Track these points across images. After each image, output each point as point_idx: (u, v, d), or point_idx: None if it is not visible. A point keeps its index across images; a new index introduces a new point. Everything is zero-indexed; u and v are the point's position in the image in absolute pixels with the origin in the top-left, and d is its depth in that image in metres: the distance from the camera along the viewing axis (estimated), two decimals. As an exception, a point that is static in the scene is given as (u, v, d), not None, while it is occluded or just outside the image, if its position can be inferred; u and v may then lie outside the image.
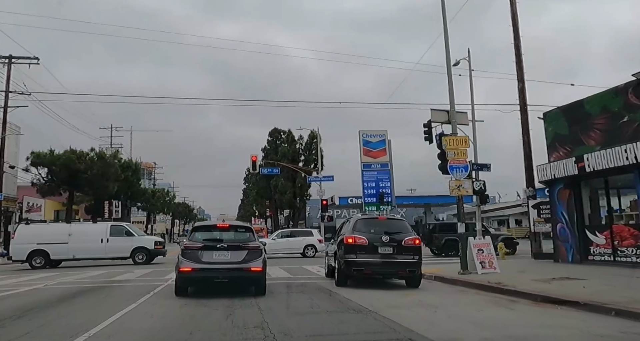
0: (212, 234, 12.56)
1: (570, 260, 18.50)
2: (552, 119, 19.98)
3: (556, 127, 19.64)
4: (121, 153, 62.06)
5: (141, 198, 74.29)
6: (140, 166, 66.43)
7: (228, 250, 11.71)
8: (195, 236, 12.37)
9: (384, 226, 14.33)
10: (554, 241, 19.97)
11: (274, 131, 64.97)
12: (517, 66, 24.50)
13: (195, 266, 11.49)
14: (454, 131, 16.94)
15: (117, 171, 51.26)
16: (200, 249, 11.72)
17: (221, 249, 11.72)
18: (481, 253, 16.21)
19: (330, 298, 11.98)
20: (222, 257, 11.65)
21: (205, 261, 11.57)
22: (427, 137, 29.71)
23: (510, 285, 12.56)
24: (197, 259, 11.57)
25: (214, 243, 11.93)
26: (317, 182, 41.50)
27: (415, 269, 13.91)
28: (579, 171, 17.30)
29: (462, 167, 16.40)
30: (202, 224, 13.85)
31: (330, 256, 16.72)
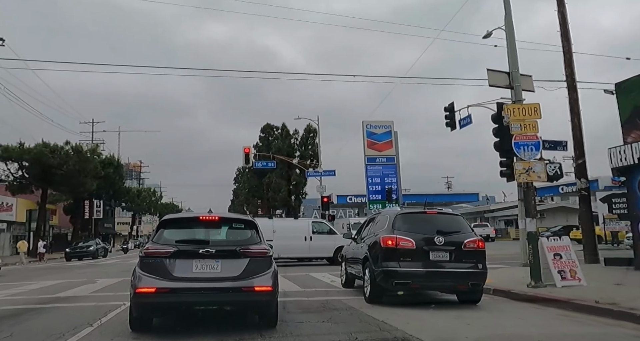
0: (191, 232, 8.23)
1: (663, 267, 14.51)
2: (629, 90, 15.93)
3: (637, 99, 15.61)
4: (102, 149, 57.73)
5: (125, 198, 70.11)
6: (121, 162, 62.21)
7: (217, 258, 7.38)
8: (164, 236, 7.82)
9: (435, 223, 10.54)
10: (635, 243, 15.93)
11: (266, 126, 61.36)
12: (562, 37, 20.47)
13: (162, 285, 7.11)
14: (518, 97, 12.87)
15: (97, 167, 47.37)
16: (170, 256, 7.33)
17: (206, 256, 7.35)
18: (559, 258, 12.15)
19: (375, 329, 7.93)
20: (207, 270, 7.35)
21: (180, 276, 7.22)
22: (449, 122, 26.12)
23: (633, 307, 8.53)
24: (165, 273, 7.22)
25: (194, 246, 7.56)
26: (317, 177, 37.38)
27: (480, 282, 10.23)
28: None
29: (531, 144, 12.35)
30: (176, 217, 8.90)
31: (350, 262, 13.06)
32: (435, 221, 10.56)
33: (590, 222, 19.09)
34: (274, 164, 42.84)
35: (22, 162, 40.67)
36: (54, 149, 41.85)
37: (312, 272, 19.29)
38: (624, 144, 15.62)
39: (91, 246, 41.63)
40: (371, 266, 10.38)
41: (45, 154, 39.98)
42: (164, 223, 8.21)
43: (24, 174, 41.43)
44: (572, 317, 8.72)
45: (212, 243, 7.71)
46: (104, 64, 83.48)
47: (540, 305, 10.22)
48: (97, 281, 14.98)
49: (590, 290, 11.00)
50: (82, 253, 39.46)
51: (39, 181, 41.79)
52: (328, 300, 11.03)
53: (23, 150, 39.83)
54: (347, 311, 9.44)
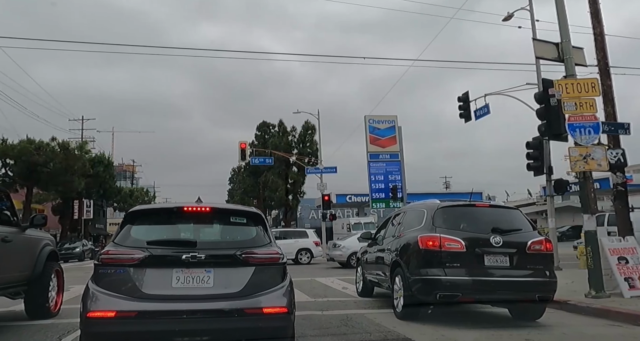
0: (171, 229, 6.01)
1: None
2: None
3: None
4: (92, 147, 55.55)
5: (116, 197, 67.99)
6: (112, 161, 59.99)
7: (209, 267, 5.22)
8: (131, 236, 5.66)
9: (488, 219, 8.43)
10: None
11: (262, 124, 59.26)
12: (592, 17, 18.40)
13: (125, 307, 4.97)
14: (571, 72, 10.79)
15: (85, 166, 45.29)
16: (139, 265, 5.17)
17: (193, 264, 5.15)
18: (624, 263, 10.12)
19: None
20: (194, 283, 5.19)
21: (153, 293, 5.07)
22: (463, 113, 24.23)
23: None
24: (131, 289, 5.09)
25: (175, 249, 5.33)
26: (318, 174, 35.31)
27: (550, 294, 8.10)
28: None
29: (589, 126, 10.26)
30: (148, 208, 6.72)
31: (370, 267, 11.01)
32: (488, 217, 8.45)
33: (628, 221, 17.11)
34: (271, 161, 40.72)
35: (5, 159, 38.62)
36: (39, 146, 39.91)
37: (317, 277, 17.28)
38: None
39: (77, 248, 39.55)
40: (404, 273, 8.27)
41: (29, 151, 37.98)
42: (131, 217, 5.85)
43: (8, 173, 39.31)
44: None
45: (202, 245, 5.44)
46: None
47: (616, 321, 8.17)
48: (71, 289, 12.62)
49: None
50: (67, 255, 37.03)
51: (24, 179, 39.78)
52: (348, 315, 8.93)
53: (6, 146, 37.84)
54: (379, 333, 7.32)
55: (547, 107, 11.45)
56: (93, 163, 50.29)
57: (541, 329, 7.73)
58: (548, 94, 11.33)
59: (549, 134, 12.17)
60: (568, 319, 8.70)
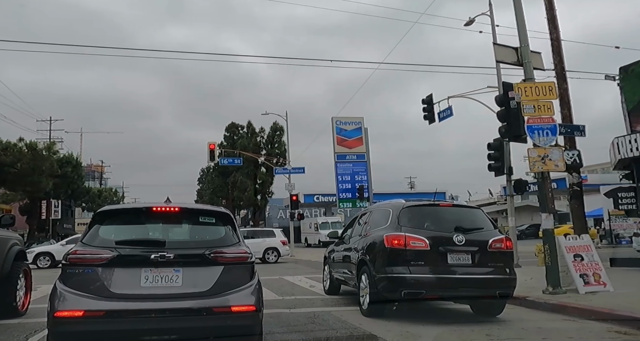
0: (140, 229, 6.05)
1: (679, 269, 13.04)
2: (639, 74, 14.48)
3: (648, 83, 14.22)
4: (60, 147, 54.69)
5: (85, 198, 67.00)
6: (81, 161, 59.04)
7: (178, 266, 5.32)
8: (99, 236, 5.67)
9: (452, 218, 8.70)
10: (646, 241, 14.50)
11: (231, 125, 59.20)
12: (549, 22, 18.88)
13: (94, 307, 5.04)
14: (529, 75, 11.15)
15: (53, 166, 44.59)
16: (108, 264, 5.26)
17: (161, 264, 5.28)
18: (580, 260, 10.52)
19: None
20: (162, 283, 5.28)
21: (122, 293, 5.15)
22: (427, 115, 24.58)
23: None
24: (99, 289, 5.15)
25: (143, 249, 5.40)
26: (286, 174, 35.38)
27: (510, 290, 8.41)
28: None
29: (547, 128, 10.63)
30: (117, 208, 6.71)
31: (337, 265, 11.21)
32: (451, 216, 8.72)
33: (583, 219, 17.68)
34: (240, 161, 40.67)
35: (-31, 159, 37.77)
36: (7, 147, 39.24)
37: (285, 275, 17.41)
38: (632, 133, 14.22)
39: (44, 248, 39.08)
40: (370, 271, 8.49)
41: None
42: (100, 217, 5.91)
43: (-26, 173, 38.55)
44: (633, 336, 6.93)
45: (170, 245, 5.52)
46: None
47: (571, 316, 8.52)
48: (38, 289, 12.56)
49: (623, 297, 9.41)
50: (34, 255, 36.68)
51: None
52: (315, 312, 9.11)
53: (-27, 147, 37.07)
54: (345, 330, 7.51)
55: (507, 109, 11.83)
56: (61, 164, 49.63)
57: (501, 324, 8.01)
58: (508, 97, 11.72)
59: (509, 135, 12.54)
60: (527, 314, 9.01)
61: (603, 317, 7.96)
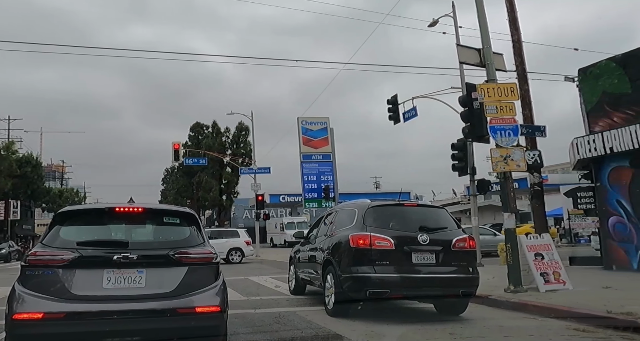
0: (102, 230, 5.93)
1: (635, 267, 13.39)
2: (597, 76, 14.83)
3: (606, 84, 14.51)
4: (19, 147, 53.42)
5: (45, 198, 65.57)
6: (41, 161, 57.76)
7: (141, 267, 5.26)
8: (60, 236, 5.50)
9: (416, 218, 8.74)
10: (603, 240, 14.80)
11: (196, 125, 58.64)
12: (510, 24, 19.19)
13: (54, 309, 4.92)
14: (492, 77, 11.32)
15: (12, 166, 43.56)
16: (69, 266, 5.14)
17: (124, 265, 5.21)
18: (540, 259, 10.72)
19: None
20: (125, 284, 5.22)
21: (83, 294, 5.06)
22: (392, 115, 24.77)
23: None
24: (60, 290, 5.04)
25: (106, 250, 5.29)
26: (252, 174, 35.23)
27: (473, 289, 8.49)
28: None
29: (509, 128, 10.81)
30: (78, 209, 6.50)
31: (302, 266, 11.18)
32: (416, 216, 8.77)
33: (544, 219, 18.01)
34: (205, 161, 40.38)
35: None
36: (-36, 147, 38.20)
37: (250, 275, 17.30)
38: (591, 134, 14.53)
39: (3, 249, 38.45)
40: (336, 271, 8.50)
41: (-48, 151, 36.28)
42: (60, 217, 5.77)
43: None
44: (590, 333, 7.10)
45: (134, 246, 5.43)
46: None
47: (532, 314, 8.68)
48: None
49: (581, 295, 9.62)
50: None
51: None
52: (281, 313, 9.10)
53: None
54: (310, 330, 7.51)
55: (471, 110, 11.96)
56: (20, 164, 48.59)
57: (464, 323, 8.11)
58: (471, 97, 11.83)
59: (472, 136, 12.69)
60: (489, 313, 9.14)
61: (562, 315, 8.12)
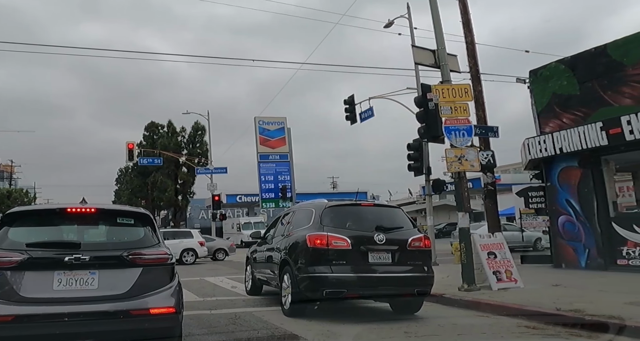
0: (53, 231, 5.78)
1: (583, 266, 13.75)
2: (547, 77, 15.18)
3: (556, 86, 14.86)
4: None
5: (-10, 199, 63.73)
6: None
7: (93, 269, 5.15)
8: (9, 238, 5.34)
9: (373, 218, 8.76)
10: (553, 239, 15.17)
11: (150, 124, 57.77)
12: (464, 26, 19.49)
13: (1, 312, 4.78)
14: (446, 78, 11.48)
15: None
16: (18, 267, 5.01)
17: (76, 266, 5.09)
18: (493, 258, 10.92)
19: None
20: (77, 286, 5.10)
21: (33, 296, 4.94)
22: (349, 115, 24.88)
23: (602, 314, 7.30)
24: (8, 292, 4.91)
25: (56, 251, 5.18)
26: (208, 174, 34.96)
27: (428, 288, 8.58)
28: (609, 140, 12.48)
29: (463, 129, 10.98)
30: (28, 209, 6.29)
31: (259, 266, 11.11)
32: (372, 216, 8.78)
33: (497, 218, 18.36)
34: (160, 161, 39.81)
35: None
36: None
37: (206, 276, 17.12)
38: (542, 135, 14.88)
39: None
40: (293, 271, 8.48)
41: None
42: (9, 218, 5.62)
43: None
44: (540, 329, 7.26)
45: (86, 247, 5.33)
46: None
47: (485, 312, 8.85)
48: None
49: (532, 293, 9.84)
50: None
51: None
52: (237, 313, 9.01)
53: None
54: (266, 330, 7.48)
55: (426, 110, 12.10)
56: (-37, 163, 47.04)
57: (419, 321, 8.20)
58: (427, 98, 11.98)
59: (427, 136, 12.83)
60: (443, 311, 9.27)
61: (514, 313, 8.30)
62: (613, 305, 7.94)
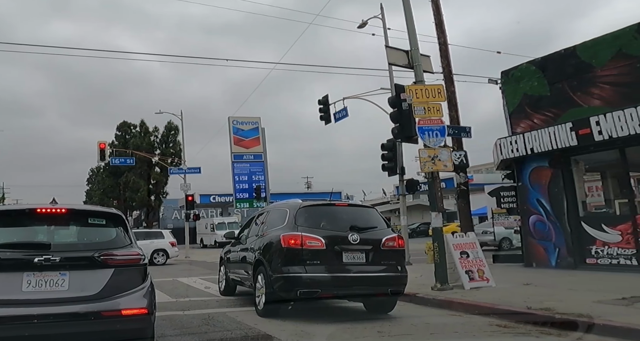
0: (23, 232, 5.70)
1: (554, 264, 13.92)
2: (518, 78, 15.36)
3: (527, 87, 15.04)
4: None
5: (-45, 199, 62.44)
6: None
7: (64, 270, 5.07)
8: None
9: (347, 217, 8.78)
10: (524, 239, 15.35)
11: (123, 124, 57.19)
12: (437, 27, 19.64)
13: None
14: (420, 78, 11.56)
15: None
16: None
17: (46, 267, 5.01)
18: (465, 257, 11.03)
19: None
20: (47, 287, 5.01)
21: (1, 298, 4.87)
22: (323, 115, 24.92)
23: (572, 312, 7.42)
24: None
25: (25, 252, 5.12)
26: (181, 174, 34.65)
27: (401, 288, 8.65)
28: (579, 141, 12.68)
29: (436, 129, 11.06)
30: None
31: (233, 266, 11.08)
32: (346, 215, 8.80)
33: (469, 217, 18.55)
34: (132, 161, 39.35)
35: None
36: None
37: (179, 277, 17.04)
38: (513, 135, 15.06)
39: None
40: (267, 271, 8.46)
41: None
42: None
43: None
44: (511, 328, 7.35)
45: (56, 248, 5.23)
46: None
47: (457, 311, 8.92)
48: None
49: (503, 292, 9.96)
50: None
51: None
52: (210, 314, 8.98)
53: None
54: (240, 331, 7.47)
55: (400, 111, 12.17)
56: None
57: (392, 321, 8.25)
58: (400, 98, 12.07)
59: (401, 136, 12.90)
60: (416, 311, 9.33)
61: (485, 311, 8.39)
62: (582, 303, 8.09)
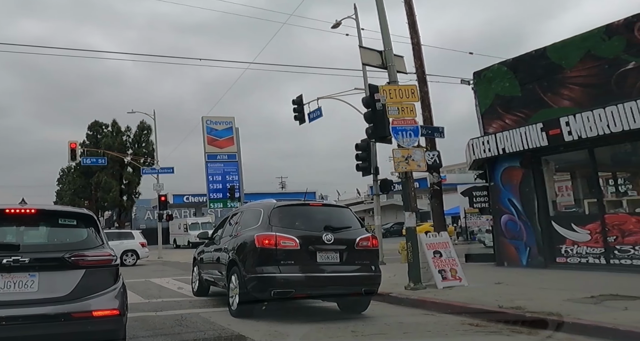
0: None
1: (525, 264, 14.08)
2: (490, 79, 15.53)
3: (498, 87, 15.21)
4: None
5: None
6: None
7: (33, 271, 5.00)
8: None
9: (321, 217, 8.78)
10: (496, 238, 15.51)
11: (94, 124, 56.70)
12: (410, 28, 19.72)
13: None
14: (393, 78, 11.62)
15: None
16: None
17: (15, 269, 4.94)
18: (439, 257, 11.11)
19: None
20: (15, 289, 4.93)
21: None
22: (297, 115, 24.93)
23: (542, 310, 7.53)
24: None
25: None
26: (154, 174, 34.31)
27: (375, 287, 8.68)
28: (549, 141, 12.86)
29: (410, 129, 11.12)
30: None
31: (206, 267, 11.02)
32: (321, 215, 8.80)
33: (443, 217, 18.71)
34: (104, 161, 38.95)
35: None
36: None
37: (152, 277, 16.87)
38: (485, 135, 15.22)
39: None
40: (240, 271, 8.41)
41: None
42: None
43: None
44: (483, 327, 7.43)
45: (25, 248, 5.17)
46: None
47: (430, 310, 8.99)
48: None
49: (475, 291, 10.06)
50: None
51: None
52: (183, 315, 8.90)
53: None
54: (213, 331, 7.42)
55: (374, 111, 12.20)
56: None
57: (366, 320, 8.27)
58: (374, 98, 12.09)
59: (375, 136, 12.94)
60: (390, 310, 9.36)
61: (458, 310, 8.46)
62: (552, 302, 8.21)
